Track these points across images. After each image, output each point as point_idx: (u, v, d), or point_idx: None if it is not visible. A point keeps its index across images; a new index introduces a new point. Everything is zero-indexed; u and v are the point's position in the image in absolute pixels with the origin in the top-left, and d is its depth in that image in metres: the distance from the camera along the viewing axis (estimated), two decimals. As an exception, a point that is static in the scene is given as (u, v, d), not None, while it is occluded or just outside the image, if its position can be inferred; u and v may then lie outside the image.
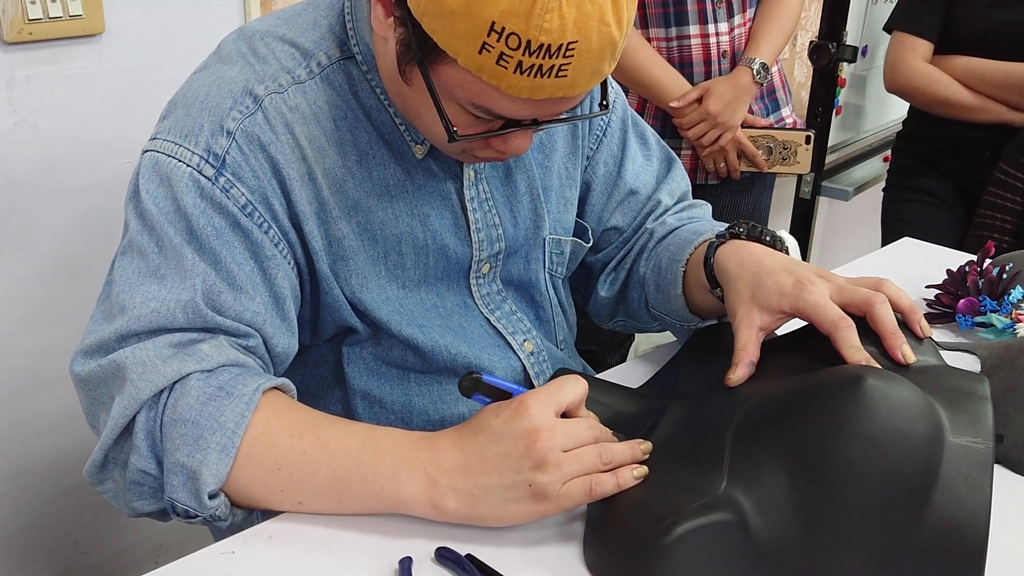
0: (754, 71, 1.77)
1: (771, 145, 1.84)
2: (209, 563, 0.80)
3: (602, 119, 1.11)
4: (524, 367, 1.05)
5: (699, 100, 1.77)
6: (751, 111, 1.85)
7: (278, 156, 0.88)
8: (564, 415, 0.81)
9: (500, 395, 0.84)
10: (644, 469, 0.80)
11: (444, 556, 0.78)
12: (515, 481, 0.78)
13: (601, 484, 0.78)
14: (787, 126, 1.92)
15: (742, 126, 1.81)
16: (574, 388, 0.81)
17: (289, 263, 0.90)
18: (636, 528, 0.76)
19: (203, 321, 0.85)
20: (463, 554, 0.78)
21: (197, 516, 0.82)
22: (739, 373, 0.89)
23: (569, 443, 0.78)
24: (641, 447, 0.82)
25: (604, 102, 0.91)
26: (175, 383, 0.82)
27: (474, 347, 1.02)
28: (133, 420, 0.82)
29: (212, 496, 0.81)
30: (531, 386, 1.04)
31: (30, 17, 1.36)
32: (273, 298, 0.89)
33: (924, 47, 2.03)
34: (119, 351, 0.84)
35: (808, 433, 0.79)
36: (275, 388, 0.85)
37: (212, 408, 0.80)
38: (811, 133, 1.84)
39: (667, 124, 1.81)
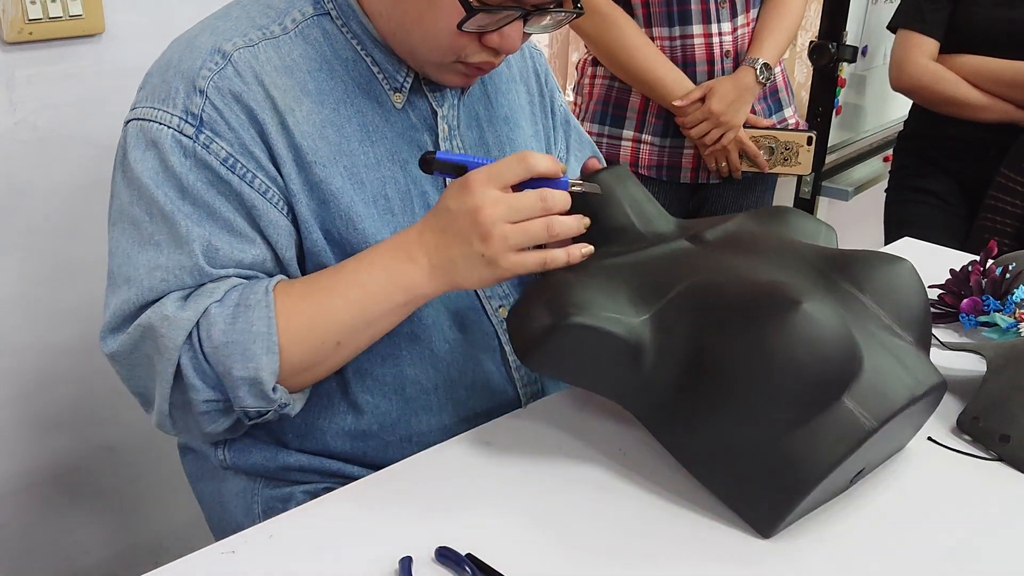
0: (757, 71, 1.77)
1: (772, 146, 1.84)
2: (209, 563, 0.80)
3: (561, 121, 1.21)
4: (496, 332, 1.05)
5: (702, 99, 1.77)
6: (753, 111, 1.85)
7: (252, 104, 0.92)
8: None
9: (459, 170, 0.90)
10: (590, 248, 0.89)
11: (444, 556, 0.78)
12: (469, 252, 0.87)
13: (555, 259, 0.88)
14: (789, 127, 1.92)
15: (744, 126, 1.81)
16: (517, 166, 0.87)
17: (281, 209, 0.94)
18: (550, 301, 0.85)
19: (208, 278, 0.91)
20: (463, 554, 0.78)
21: (268, 411, 0.92)
22: None
23: (513, 215, 0.86)
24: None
25: (579, 4, 0.97)
26: (198, 321, 0.89)
27: (449, 307, 1.03)
28: (178, 367, 0.89)
29: (275, 390, 0.90)
30: (503, 354, 1.06)
31: (30, 17, 1.35)
32: (268, 247, 0.94)
33: (930, 45, 2.02)
34: (140, 317, 0.90)
35: (730, 318, 0.82)
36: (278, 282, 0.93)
37: (241, 323, 0.89)
38: (813, 134, 1.84)
39: (670, 123, 1.81)
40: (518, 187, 0.88)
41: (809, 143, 1.82)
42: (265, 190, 0.93)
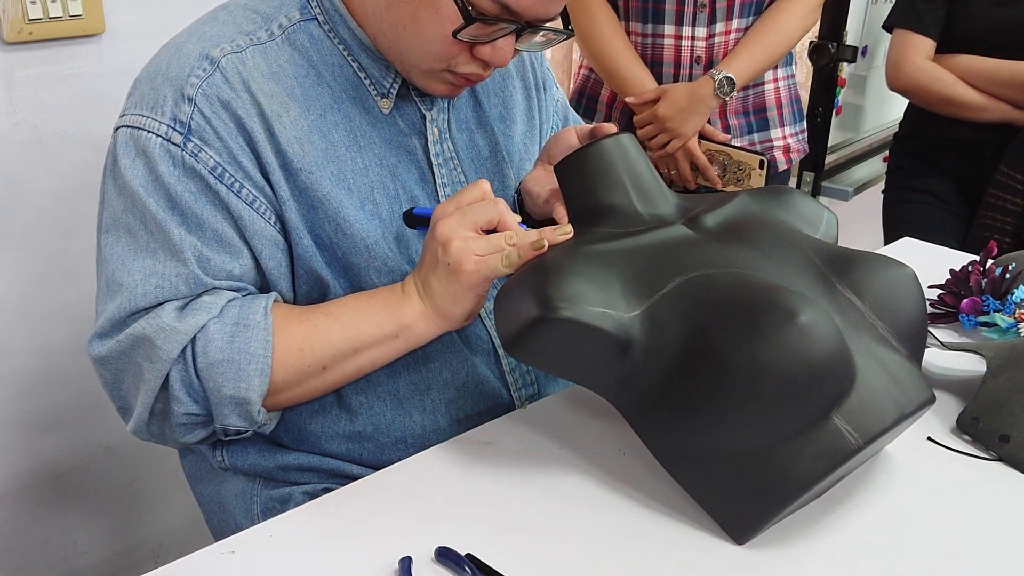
0: (716, 82, 1.70)
1: (726, 163, 1.75)
2: (209, 563, 0.80)
3: (555, 112, 1.20)
4: (489, 335, 1.05)
5: (657, 101, 1.73)
6: (727, 125, 1.79)
7: (240, 112, 0.92)
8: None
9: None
10: (544, 243, 0.87)
11: (444, 556, 0.78)
12: (437, 268, 0.89)
13: (508, 257, 0.87)
14: (775, 147, 1.83)
15: (702, 137, 1.75)
16: (474, 189, 0.90)
17: (268, 219, 0.94)
18: (539, 290, 0.82)
19: (203, 287, 0.92)
20: (463, 554, 0.78)
21: (246, 431, 0.94)
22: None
23: (468, 221, 0.88)
24: (557, 231, 0.88)
25: (569, 26, 1.00)
26: (195, 336, 0.90)
27: None
28: (166, 378, 0.90)
29: (258, 412, 0.92)
30: (497, 357, 1.06)
31: (30, 17, 1.36)
32: (253, 258, 0.95)
33: (927, 45, 2.02)
34: (134, 324, 0.91)
35: (724, 323, 0.79)
36: (275, 302, 0.95)
37: (239, 343, 0.90)
38: (765, 158, 1.71)
39: (632, 121, 1.80)
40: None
41: (761, 167, 1.71)
42: (252, 200, 0.93)
